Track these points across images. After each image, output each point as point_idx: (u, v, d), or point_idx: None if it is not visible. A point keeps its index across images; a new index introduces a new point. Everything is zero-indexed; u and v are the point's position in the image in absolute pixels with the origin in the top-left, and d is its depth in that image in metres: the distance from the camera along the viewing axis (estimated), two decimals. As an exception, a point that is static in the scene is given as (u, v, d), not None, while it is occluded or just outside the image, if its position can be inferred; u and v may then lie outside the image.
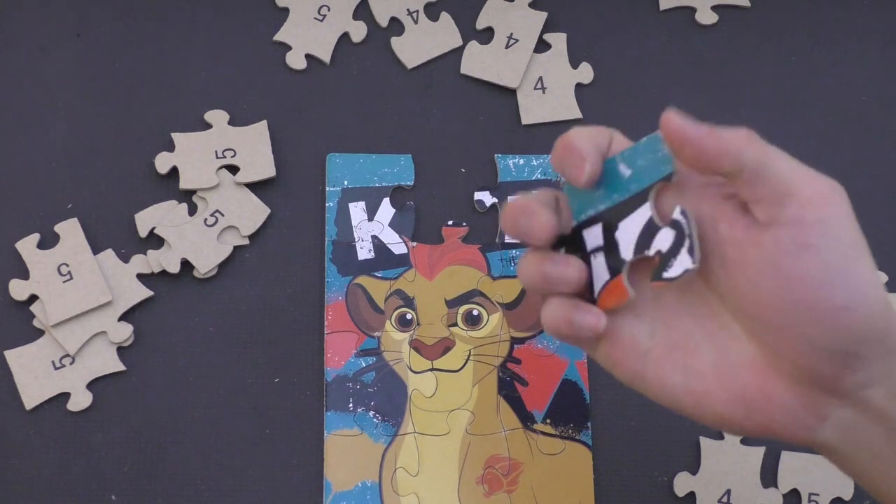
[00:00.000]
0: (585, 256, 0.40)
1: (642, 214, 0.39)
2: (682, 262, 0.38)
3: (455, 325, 0.59)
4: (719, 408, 0.39)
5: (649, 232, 0.39)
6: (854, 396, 0.36)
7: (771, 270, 0.36)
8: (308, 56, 0.65)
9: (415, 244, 0.61)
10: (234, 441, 0.57)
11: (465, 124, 0.64)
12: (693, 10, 0.68)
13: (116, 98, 0.63)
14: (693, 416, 0.40)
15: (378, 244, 0.60)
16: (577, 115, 0.64)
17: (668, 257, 0.38)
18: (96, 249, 0.59)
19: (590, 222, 0.40)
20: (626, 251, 0.39)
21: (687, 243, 0.38)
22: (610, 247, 0.40)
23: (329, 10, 0.66)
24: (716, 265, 0.38)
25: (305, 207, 0.61)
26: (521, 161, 0.63)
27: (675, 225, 0.38)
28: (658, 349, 0.40)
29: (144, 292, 0.59)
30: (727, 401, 0.38)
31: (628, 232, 0.39)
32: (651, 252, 0.39)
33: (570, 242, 0.40)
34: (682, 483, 0.57)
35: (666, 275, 0.38)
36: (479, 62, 0.65)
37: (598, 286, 0.40)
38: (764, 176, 0.37)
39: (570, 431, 0.58)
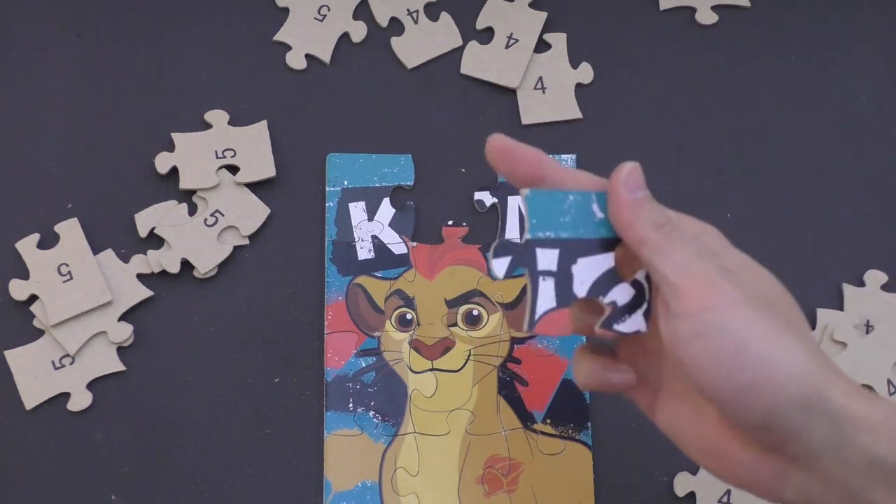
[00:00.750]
0: (534, 274, 0.39)
1: (605, 261, 0.40)
2: (636, 323, 0.41)
3: (455, 325, 0.59)
4: (695, 456, 0.41)
5: (608, 280, 0.40)
6: (804, 463, 0.37)
7: (677, 358, 0.38)
8: (308, 56, 0.65)
9: (415, 244, 0.61)
10: (234, 441, 0.57)
11: (465, 124, 0.64)
12: (693, 10, 0.67)
13: (116, 98, 0.63)
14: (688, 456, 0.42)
15: (378, 244, 0.60)
16: (577, 115, 0.64)
17: (622, 311, 0.40)
18: (96, 249, 0.59)
19: (547, 243, 0.40)
20: (580, 289, 0.40)
21: (644, 307, 0.41)
22: (563, 277, 0.40)
23: (329, 10, 0.66)
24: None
25: (305, 207, 0.61)
26: (521, 161, 0.63)
27: (636, 285, 0.40)
28: (662, 391, 0.43)
29: (144, 292, 0.59)
30: (701, 451, 0.40)
31: (586, 271, 0.40)
32: (605, 300, 0.40)
33: (519, 251, 0.40)
34: (682, 483, 0.57)
35: (617, 327, 0.40)
36: (479, 62, 0.65)
37: (540, 309, 0.40)
38: (655, 272, 0.39)
39: (570, 431, 0.58)
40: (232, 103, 0.63)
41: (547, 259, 0.40)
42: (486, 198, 0.62)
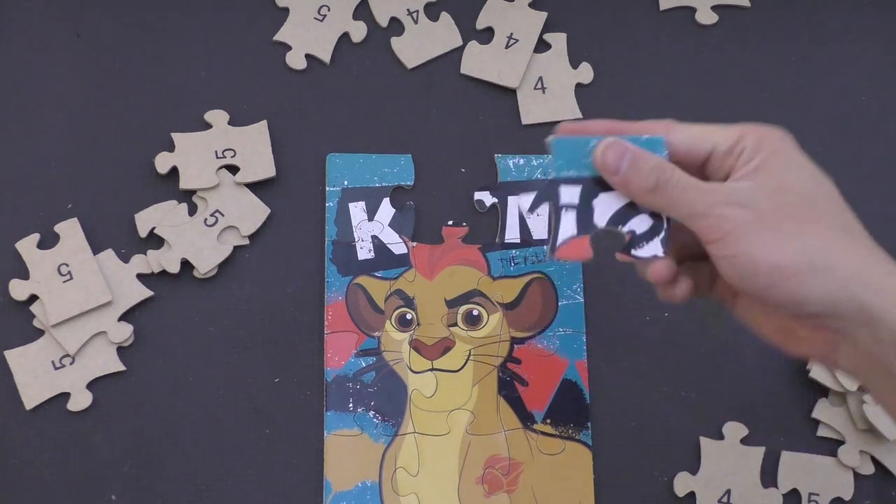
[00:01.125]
0: (557, 206, 0.45)
1: (622, 197, 0.45)
2: (654, 249, 0.45)
3: (455, 325, 0.59)
4: (770, 338, 0.47)
5: (626, 212, 0.45)
6: (849, 337, 0.43)
7: (720, 272, 0.44)
8: (308, 56, 0.65)
9: (415, 244, 0.61)
10: (234, 441, 0.57)
11: (465, 124, 0.64)
12: (693, 10, 0.68)
13: (116, 98, 0.63)
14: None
15: (378, 244, 0.60)
16: (577, 115, 0.64)
17: (640, 239, 0.45)
18: (96, 249, 0.59)
19: (570, 181, 0.44)
20: (601, 219, 0.45)
21: (662, 234, 0.45)
22: (584, 209, 0.45)
23: (329, 10, 0.66)
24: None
25: (305, 207, 0.61)
26: (521, 161, 0.63)
27: (654, 215, 0.45)
28: (738, 293, 0.48)
29: (144, 292, 0.59)
30: (773, 333, 0.47)
31: (607, 204, 0.45)
32: (624, 229, 0.45)
33: (544, 188, 0.45)
34: (682, 483, 0.57)
35: (635, 252, 0.45)
36: (479, 62, 0.65)
37: (562, 237, 0.45)
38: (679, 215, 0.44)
39: (570, 431, 0.58)
40: (232, 103, 0.63)
41: (570, 194, 0.45)
42: (486, 198, 0.62)
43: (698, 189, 0.43)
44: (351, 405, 0.57)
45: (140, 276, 0.59)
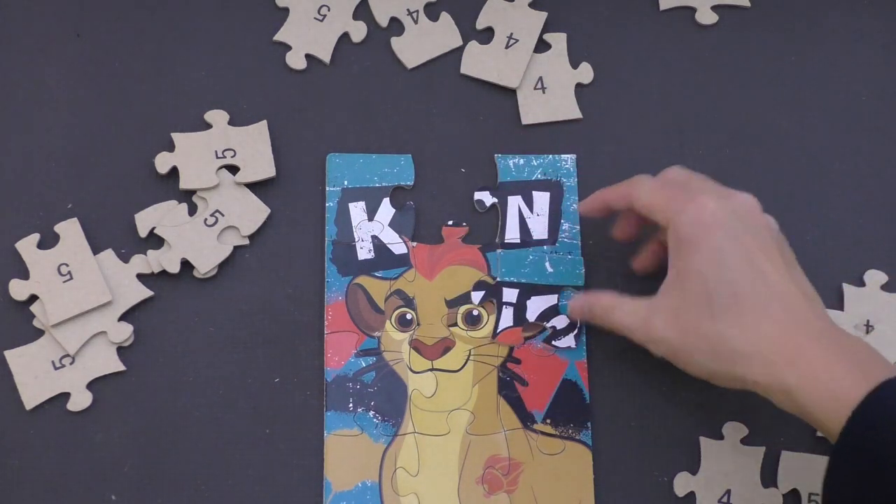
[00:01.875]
0: (499, 303, 0.59)
1: (551, 299, 0.60)
2: (569, 342, 0.59)
3: (455, 325, 0.59)
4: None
5: (551, 312, 0.59)
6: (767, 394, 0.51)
7: None
8: (308, 56, 0.65)
9: (415, 244, 0.61)
10: (234, 441, 0.57)
11: (465, 124, 0.64)
12: (693, 10, 0.67)
13: (116, 98, 0.63)
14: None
15: (378, 244, 0.60)
16: (577, 115, 0.64)
17: (559, 333, 0.59)
18: (96, 249, 0.59)
19: (511, 284, 0.60)
20: (532, 315, 0.59)
21: (576, 331, 0.59)
22: (520, 307, 0.59)
23: (329, 10, 0.66)
24: None
25: (305, 207, 0.61)
26: (521, 161, 0.63)
27: (572, 328, 0.59)
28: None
29: (144, 292, 0.59)
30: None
31: (536, 304, 0.59)
32: (548, 324, 0.59)
33: (490, 288, 0.60)
34: (682, 483, 0.57)
35: (555, 343, 0.59)
36: (479, 62, 0.65)
37: (501, 325, 0.59)
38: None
39: (570, 431, 0.58)
40: (232, 103, 0.63)
41: (510, 293, 0.59)
42: (486, 198, 0.62)
43: (622, 312, 0.54)
44: (351, 405, 0.57)
45: (140, 276, 0.59)
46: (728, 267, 0.49)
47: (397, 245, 0.61)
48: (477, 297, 0.59)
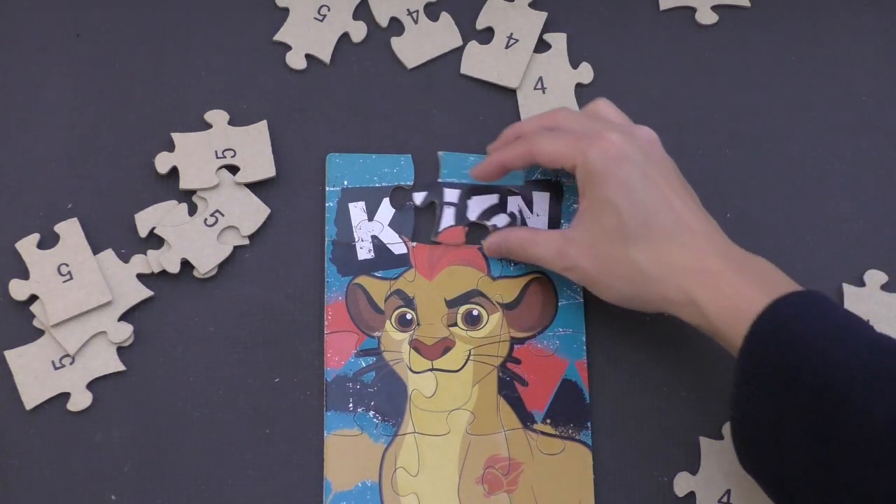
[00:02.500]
0: (441, 203, 0.61)
1: (491, 199, 0.62)
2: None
3: (455, 325, 0.59)
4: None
5: (492, 211, 0.61)
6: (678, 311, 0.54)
7: None
8: (308, 56, 0.65)
9: (415, 244, 0.61)
10: (234, 441, 0.57)
11: (465, 124, 0.64)
12: (693, 10, 0.68)
13: (116, 98, 0.63)
14: None
15: (378, 244, 0.60)
16: (577, 115, 0.64)
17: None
18: (96, 249, 0.59)
19: (453, 185, 0.61)
20: (472, 215, 0.61)
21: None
22: (461, 206, 0.61)
23: (329, 10, 0.66)
24: None
25: (305, 207, 0.61)
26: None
27: (511, 215, 0.61)
28: None
29: (144, 292, 0.59)
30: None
31: (478, 204, 0.61)
32: (489, 223, 0.61)
33: (433, 189, 0.61)
34: (682, 483, 0.57)
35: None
36: (479, 62, 0.65)
37: (443, 225, 0.61)
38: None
39: (570, 431, 0.58)
40: (232, 103, 0.63)
41: (451, 194, 0.61)
42: (421, 197, 0.62)
43: (536, 245, 0.57)
44: (351, 405, 0.57)
45: (140, 276, 0.59)
46: (638, 196, 0.53)
47: (397, 245, 0.61)
48: (419, 197, 0.61)
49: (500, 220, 0.61)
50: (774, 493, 0.50)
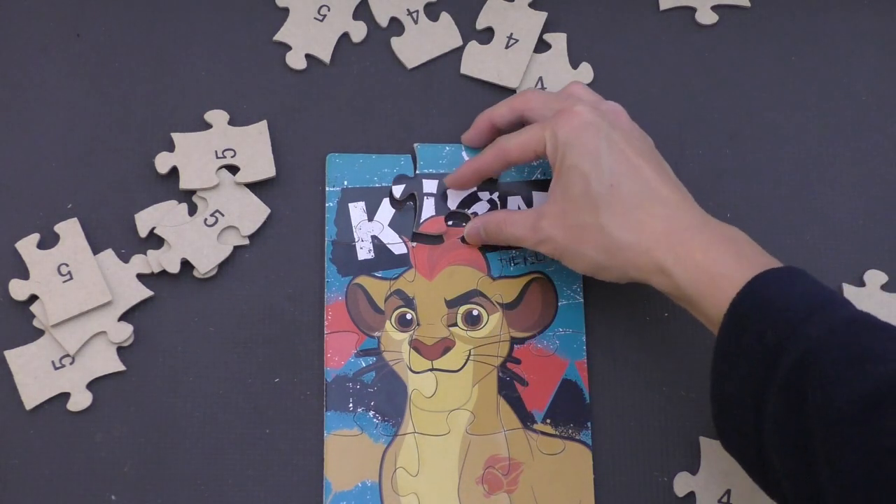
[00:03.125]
0: (420, 194, 0.61)
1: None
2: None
3: (455, 325, 0.59)
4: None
5: (471, 199, 0.61)
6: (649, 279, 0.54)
7: None
8: (308, 56, 0.65)
9: (415, 244, 0.61)
10: (234, 441, 0.57)
11: (465, 124, 0.64)
12: (693, 10, 0.67)
13: (116, 98, 0.63)
14: None
15: (378, 244, 0.60)
16: (577, 115, 0.64)
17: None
18: (96, 249, 0.59)
19: (431, 176, 0.61)
20: (452, 204, 0.61)
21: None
22: (440, 197, 0.61)
23: (329, 10, 0.66)
24: None
25: (305, 207, 0.61)
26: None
27: (490, 202, 0.61)
28: None
29: (144, 292, 0.59)
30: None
31: (457, 193, 0.61)
32: (469, 211, 0.61)
33: (412, 181, 0.61)
34: (682, 483, 0.57)
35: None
36: (479, 62, 0.65)
37: (424, 216, 0.61)
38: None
39: (570, 431, 0.58)
40: (232, 103, 0.63)
41: (430, 186, 0.61)
42: (400, 190, 0.61)
43: (512, 225, 0.57)
44: (351, 405, 0.57)
45: (140, 276, 0.59)
46: (604, 161, 0.53)
47: (397, 245, 0.61)
48: (398, 190, 0.61)
49: (480, 207, 0.61)
50: (756, 474, 0.49)
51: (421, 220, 0.60)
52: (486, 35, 0.66)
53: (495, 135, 0.60)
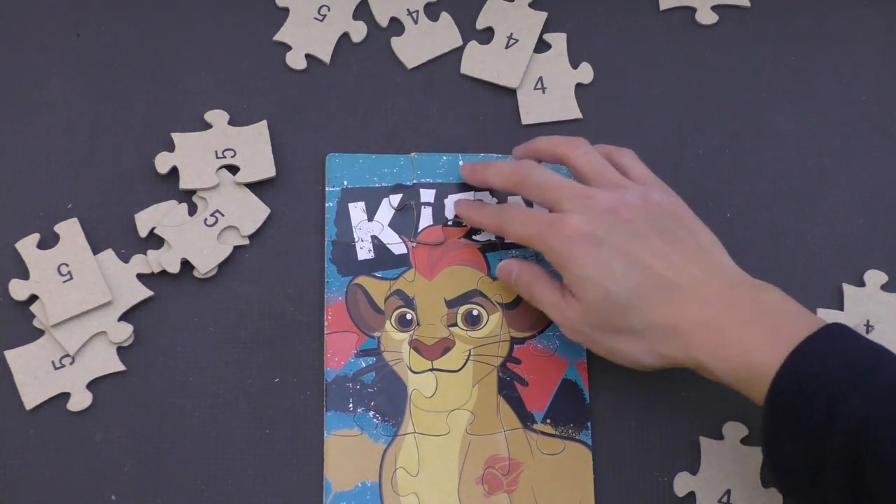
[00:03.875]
0: (418, 204, 0.61)
1: (467, 195, 0.61)
2: (489, 235, 0.61)
3: (455, 325, 0.59)
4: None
5: None
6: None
7: None
8: (308, 56, 0.65)
9: (414, 244, 0.61)
10: (234, 441, 0.57)
11: (465, 124, 0.64)
12: (693, 10, 0.68)
13: (116, 98, 0.63)
14: None
15: (378, 244, 0.60)
16: (577, 115, 0.64)
17: (478, 229, 0.61)
18: (96, 249, 0.59)
19: (428, 185, 0.61)
20: (450, 214, 0.61)
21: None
22: (438, 206, 0.61)
23: (329, 10, 0.66)
24: None
25: (305, 207, 0.61)
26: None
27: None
28: None
29: (144, 292, 0.59)
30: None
31: (454, 202, 0.61)
32: (466, 221, 0.60)
33: (409, 190, 0.61)
34: (682, 483, 0.57)
35: (476, 237, 0.61)
36: (479, 62, 0.65)
37: (421, 226, 0.61)
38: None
39: (570, 431, 0.58)
40: (232, 103, 0.63)
41: (427, 195, 0.61)
42: (397, 199, 0.61)
43: (542, 291, 0.56)
44: (351, 405, 0.57)
45: (140, 276, 0.59)
46: (618, 269, 0.51)
47: (397, 245, 0.61)
48: (395, 199, 0.61)
49: None
50: None
51: (419, 230, 0.60)
52: (486, 35, 0.66)
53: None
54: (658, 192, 0.55)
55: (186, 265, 0.59)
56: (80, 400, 0.57)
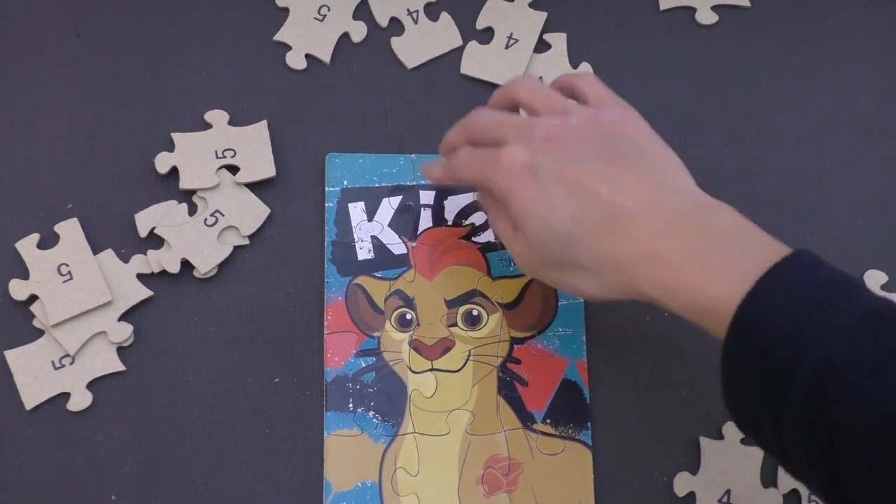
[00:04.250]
0: (417, 206, 0.61)
1: (467, 198, 0.61)
2: (489, 236, 0.61)
3: (455, 325, 0.59)
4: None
5: (469, 209, 0.61)
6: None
7: None
8: (308, 56, 0.65)
9: (414, 244, 0.61)
10: (234, 441, 0.57)
11: (465, 124, 0.64)
12: (693, 10, 0.68)
13: (116, 98, 0.63)
14: None
15: (378, 244, 0.60)
16: (577, 115, 0.64)
17: (478, 230, 0.61)
18: (96, 249, 0.59)
19: (427, 187, 0.61)
20: (449, 216, 0.61)
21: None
22: (438, 208, 0.61)
23: (329, 10, 0.66)
24: None
25: (305, 207, 0.61)
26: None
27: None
28: None
29: (144, 292, 0.59)
30: None
31: (454, 204, 0.61)
32: (466, 222, 0.61)
33: (409, 192, 0.61)
34: (682, 483, 0.57)
35: (475, 239, 0.61)
36: (479, 62, 0.65)
37: (421, 227, 0.61)
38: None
39: (570, 431, 0.58)
40: (232, 103, 0.63)
41: (427, 197, 0.61)
42: (397, 201, 0.61)
43: (496, 220, 0.54)
44: (351, 405, 0.57)
45: (140, 276, 0.59)
46: (557, 199, 0.48)
47: (397, 245, 0.61)
48: (395, 201, 0.61)
49: (478, 218, 0.61)
50: (782, 464, 0.46)
51: (418, 233, 0.60)
52: (486, 35, 0.66)
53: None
54: (609, 112, 0.51)
55: (186, 265, 0.59)
56: (80, 400, 0.57)
